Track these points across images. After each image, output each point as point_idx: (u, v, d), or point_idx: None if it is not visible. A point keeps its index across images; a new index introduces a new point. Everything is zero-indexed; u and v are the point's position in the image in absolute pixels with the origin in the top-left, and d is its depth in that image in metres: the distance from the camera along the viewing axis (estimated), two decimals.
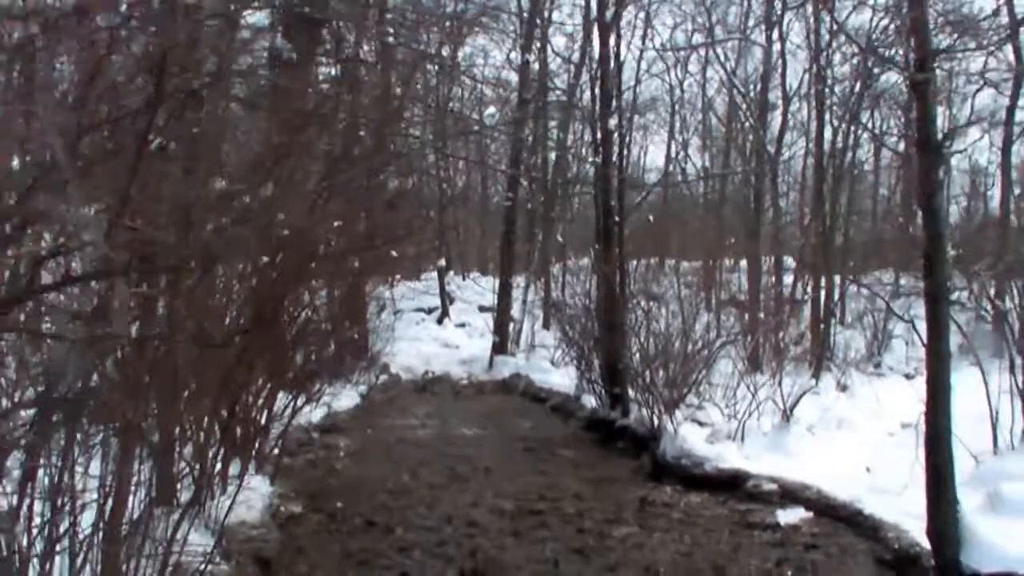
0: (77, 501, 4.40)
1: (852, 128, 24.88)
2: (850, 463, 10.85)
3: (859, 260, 28.12)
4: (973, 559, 6.84)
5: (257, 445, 8.19)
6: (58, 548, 4.29)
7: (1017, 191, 25.84)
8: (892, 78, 24.72)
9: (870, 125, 28.18)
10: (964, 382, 10.15)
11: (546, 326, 23.93)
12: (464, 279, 32.05)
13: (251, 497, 7.25)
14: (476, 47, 28.59)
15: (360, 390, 15.56)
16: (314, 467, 10.23)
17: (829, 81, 22.88)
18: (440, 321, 27.12)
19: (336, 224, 9.43)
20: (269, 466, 8.38)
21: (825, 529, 8.64)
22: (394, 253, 16.13)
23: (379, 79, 20.73)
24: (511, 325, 23.18)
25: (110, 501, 4.56)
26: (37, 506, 4.28)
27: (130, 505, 4.72)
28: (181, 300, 5.71)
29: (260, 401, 8.14)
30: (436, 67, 26.51)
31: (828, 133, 23.59)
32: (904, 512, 8.14)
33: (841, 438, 12.51)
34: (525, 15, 25.30)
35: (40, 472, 4.26)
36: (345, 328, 13.42)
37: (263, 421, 8.19)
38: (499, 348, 22.06)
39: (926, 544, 7.23)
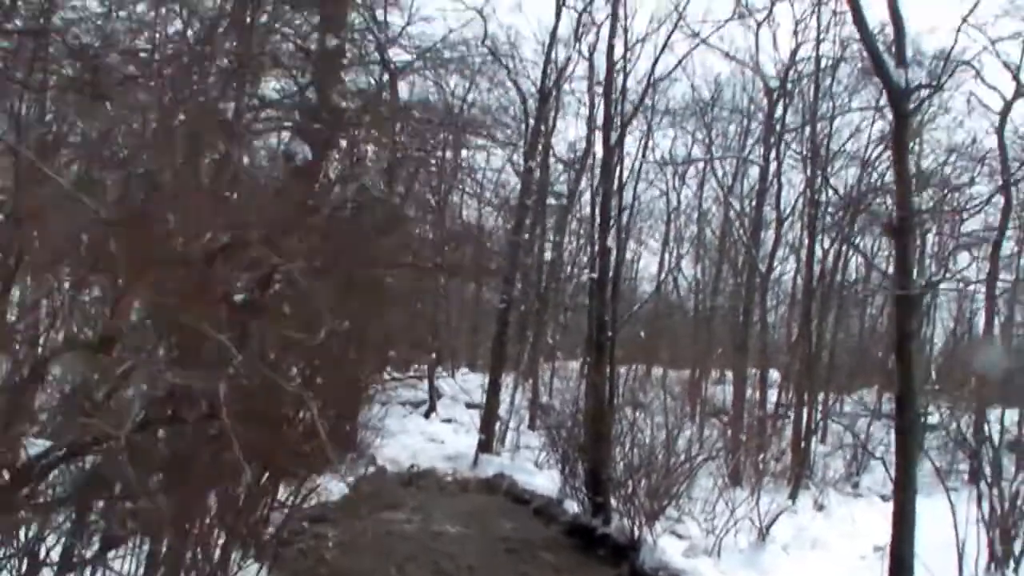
0: None
1: (843, 248, 25.72)
2: None
3: (844, 379, 28.53)
4: None
5: (256, 535, 8.56)
6: None
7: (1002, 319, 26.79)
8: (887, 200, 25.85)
9: (861, 245, 28.99)
10: (937, 507, 10.67)
11: (532, 427, 24.28)
12: (453, 375, 32.40)
13: None
14: (478, 148, 29.42)
15: (348, 481, 15.87)
16: (305, 557, 10.59)
17: (822, 202, 23.71)
18: (427, 416, 27.41)
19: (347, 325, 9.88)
20: (266, 555, 8.74)
21: None
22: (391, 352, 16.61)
23: (385, 182, 21.41)
24: (497, 424, 23.54)
25: None
26: None
27: None
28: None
29: (261, 492, 8.51)
30: (439, 169, 27.34)
31: (819, 252, 24.38)
32: None
33: (815, 558, 12.91)
34: (531, 120, 26.19)
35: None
36: (339, 422, 13.82)
37: (264, 511, 8.58)
38: (485, 446, 22.39)
39: None
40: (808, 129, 24.00)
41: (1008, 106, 24.80)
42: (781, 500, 17.21)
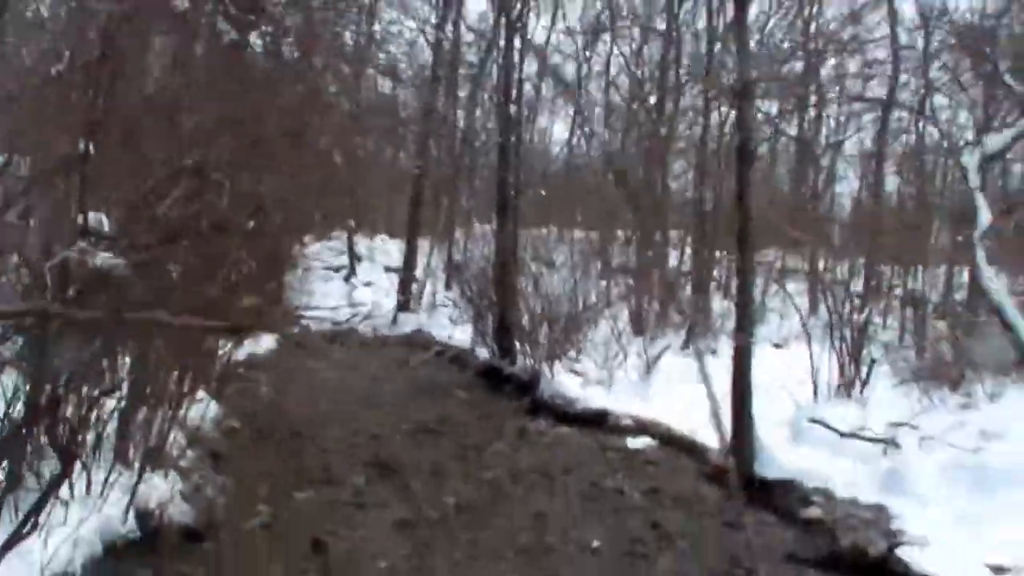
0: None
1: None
2: (698, 407, 12.87)
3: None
4: (763, 470, 8.95)
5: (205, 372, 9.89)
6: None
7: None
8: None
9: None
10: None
11: (448, 287, 25.71)
12: (372, 240, 33.49)
13: (203, 412, 8.97)
14: (390, 23, 30.11)
15: (276, 336, 17.16)
16: (243, 396, 11.92)
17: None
18: (348, 279, 28.67)
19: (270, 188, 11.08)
20: (213, 389, 10.08)
21: (665, 452, 10.70)
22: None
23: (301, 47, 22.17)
24: (415, 285, 24.99)
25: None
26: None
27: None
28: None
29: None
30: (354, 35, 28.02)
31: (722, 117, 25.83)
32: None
33: (696, 389, 14.57)
34: None
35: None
36: (268, 283, 15.08)
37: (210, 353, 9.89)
38: (403, 306, 23.86)
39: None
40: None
41: None
42: (677, 346, 19.04)
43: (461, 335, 19.43)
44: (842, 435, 9.89)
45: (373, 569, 6.29)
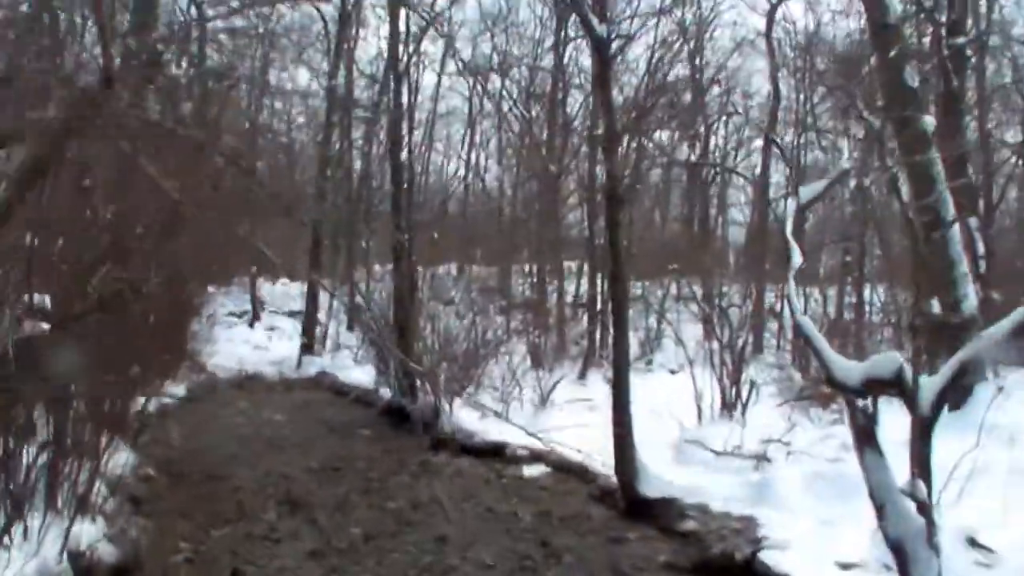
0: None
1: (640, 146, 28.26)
2: (591, 435, 13.70)
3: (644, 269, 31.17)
4: (645, 489, 9.78)
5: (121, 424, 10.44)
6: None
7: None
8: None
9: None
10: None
11: (350, 328, 26.32)
12: (274, 285, 33.90)
13: (122, 461, 9.52)
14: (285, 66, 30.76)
15: (183, 385, 17.64)
16: (157, 443, 12.42)
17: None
18: (251, 325, 29.10)
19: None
20: (129, 440, 10.61)
21: (558, 478, 11.49)
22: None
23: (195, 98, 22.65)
24: (317, 328, 25.56)
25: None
26: None
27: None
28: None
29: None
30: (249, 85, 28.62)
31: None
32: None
33: (590, 417, 15.43)
34: (332, 39, 27.87)
35: None
36: (177, 331, 15.63)
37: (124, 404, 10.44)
38: (307, 349, 24.40)
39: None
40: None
41: (774, 8, 26.29)
42: (573, 377, 19.91)
43: (364, 376, 20.06)
44: (718, 454, 10.82)
45: None
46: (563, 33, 29.32)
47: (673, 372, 21.51)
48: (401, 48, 19.30)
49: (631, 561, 8.02)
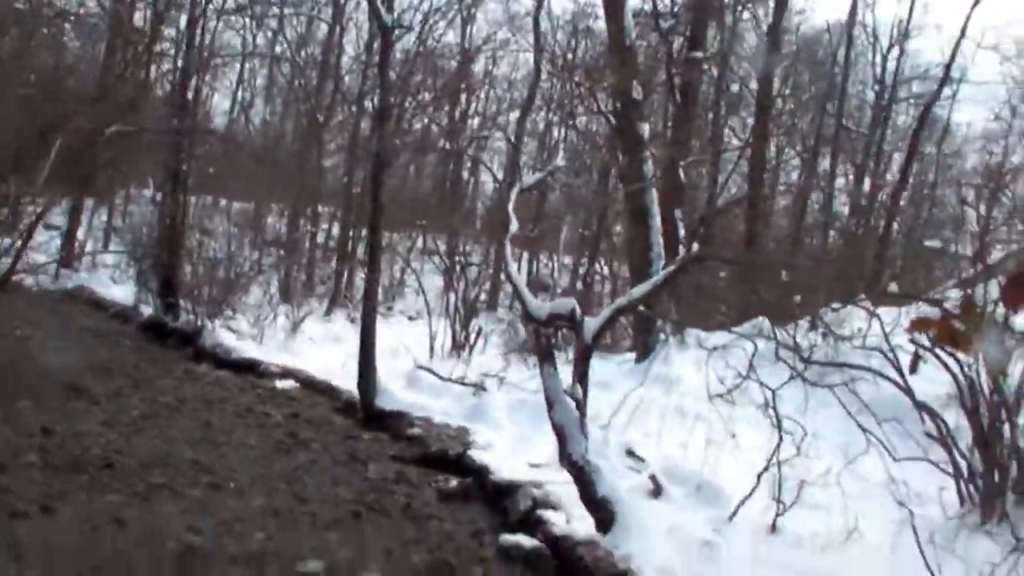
0: None
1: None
2: (335, 362, 15.53)
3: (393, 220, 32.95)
4: (382, 404, 11.76)
5: None
6: None
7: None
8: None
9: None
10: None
11: (106, 248, 27.11)
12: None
13: None
14: None
15: None
16: None
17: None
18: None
19: None
20: None
21: (306, 392, 13.25)
22: None
23: None
24: (76, 244, 26.21)
25: None
26: None
27: None
28: None
29: None
30: None
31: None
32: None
33: (335, 348, 17.32)
34: None
35: None
36: None
37: None
38: (65, 263, 25.04)
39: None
40: None
41: None
42: (320, 313, 21.70)
43: (121, 293, 21.13)
44: (443, 379, 12.91)
45: (96, 443, 8.51)
46: None
47: (411, 318, 23.56)
48: None
49: (366, 453, 9.92)
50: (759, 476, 7.42)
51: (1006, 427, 7.26)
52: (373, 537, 7.00)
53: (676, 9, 19.68)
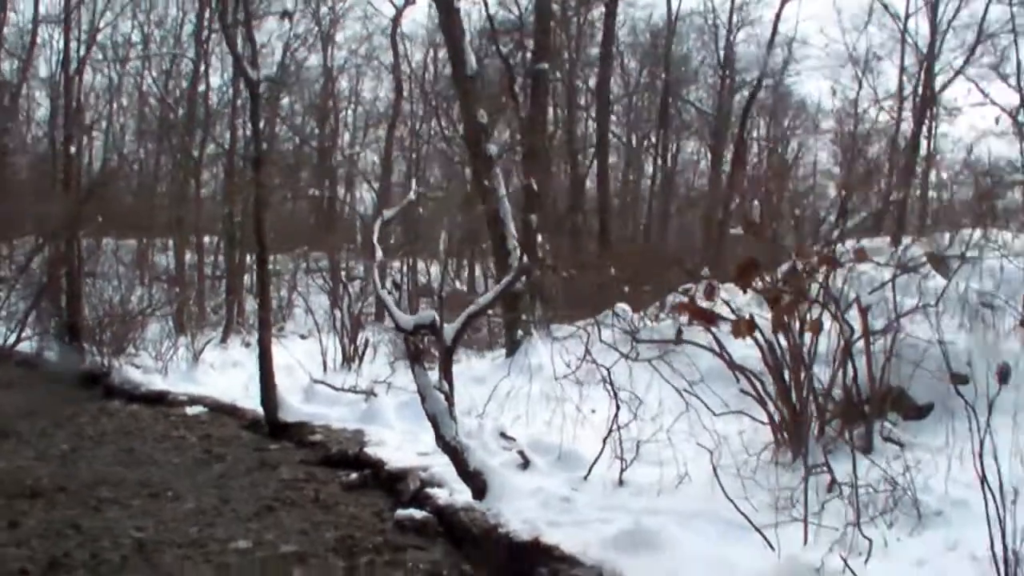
0: None
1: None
2: (237, 385, 16.81)
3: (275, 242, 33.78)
4: (284, 416, 13.18)
5: None
6: None
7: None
8: None
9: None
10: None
11: None
12: None
13: None
14: None
15: None
16: None
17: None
18: None
19: None
20: None
21: (214, 415, 14.62)
22: None
23: None
24: None
25: None
26: None
27: None
28: None
29: None
30: None
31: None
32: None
33: (234, 372, 18.60)
34: None
35: None
36: None
37: None
38: None
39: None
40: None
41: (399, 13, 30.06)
42: (216, 341, 22.85)
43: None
44: (337, 390, 14.37)
45: (40, 474, 9.81)
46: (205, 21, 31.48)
47: (303, 337, 24.72)
48: None
49: (275, 460, 11.34)
50: (604, 440, 9.04)
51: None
52: (290, 522, 8.45)
53: (519, 20, 21.34)
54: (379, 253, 10.19)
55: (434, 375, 8.86)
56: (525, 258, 14.21)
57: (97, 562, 7.06)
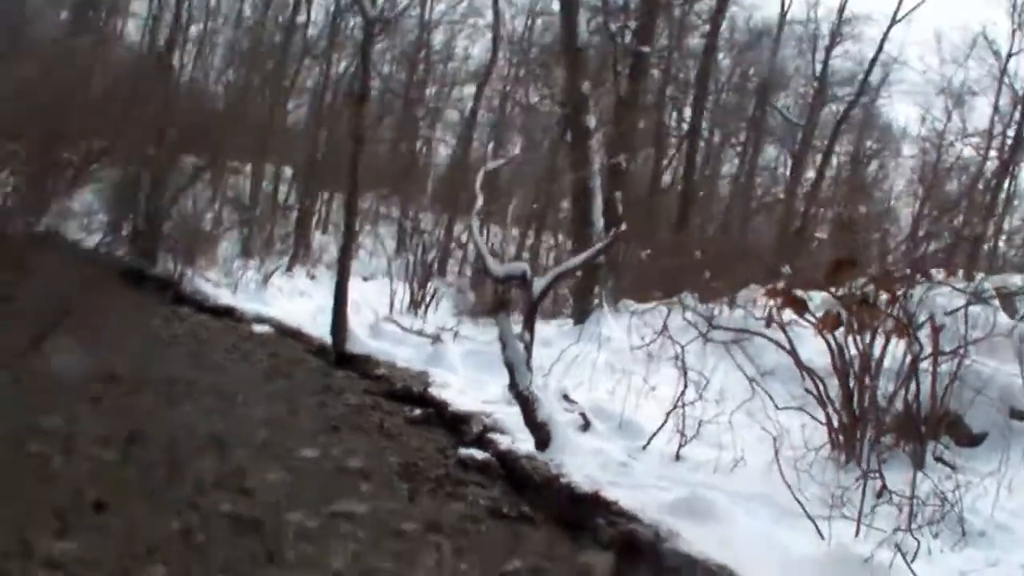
0: None
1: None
2: (303, 312, 17.14)
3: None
4: (351, 348, 13.42)
5: None
6: None
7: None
8: None
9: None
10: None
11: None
12: None
13: None
14: None
15: None
16: None
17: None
18: None
19: None
20: None
21: (280, 337, 14.87)
22: None
23: None
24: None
25: None
26: None
27: None
28: None
29: None
30: None
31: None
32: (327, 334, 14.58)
33: (301, 300, 18.96)
34: None
35: None
36: None
37: None
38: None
39: None
40: None
41: None
42: (282, 269, 23.23)
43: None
44: (404, 330, 14.60)
45: (110, 364, 10.10)
46: None
47: (366, 279, 25.05)
48: None
49: (340, 386, 11.58)
50: (667, 414, 9.17)
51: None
52: (355, 443, 8.65)
53: (625, 4, 21.44)
54: (480, 201, 10.33)
55: (516, 326, 9.01)
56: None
57: (173, 445, 7.29)
